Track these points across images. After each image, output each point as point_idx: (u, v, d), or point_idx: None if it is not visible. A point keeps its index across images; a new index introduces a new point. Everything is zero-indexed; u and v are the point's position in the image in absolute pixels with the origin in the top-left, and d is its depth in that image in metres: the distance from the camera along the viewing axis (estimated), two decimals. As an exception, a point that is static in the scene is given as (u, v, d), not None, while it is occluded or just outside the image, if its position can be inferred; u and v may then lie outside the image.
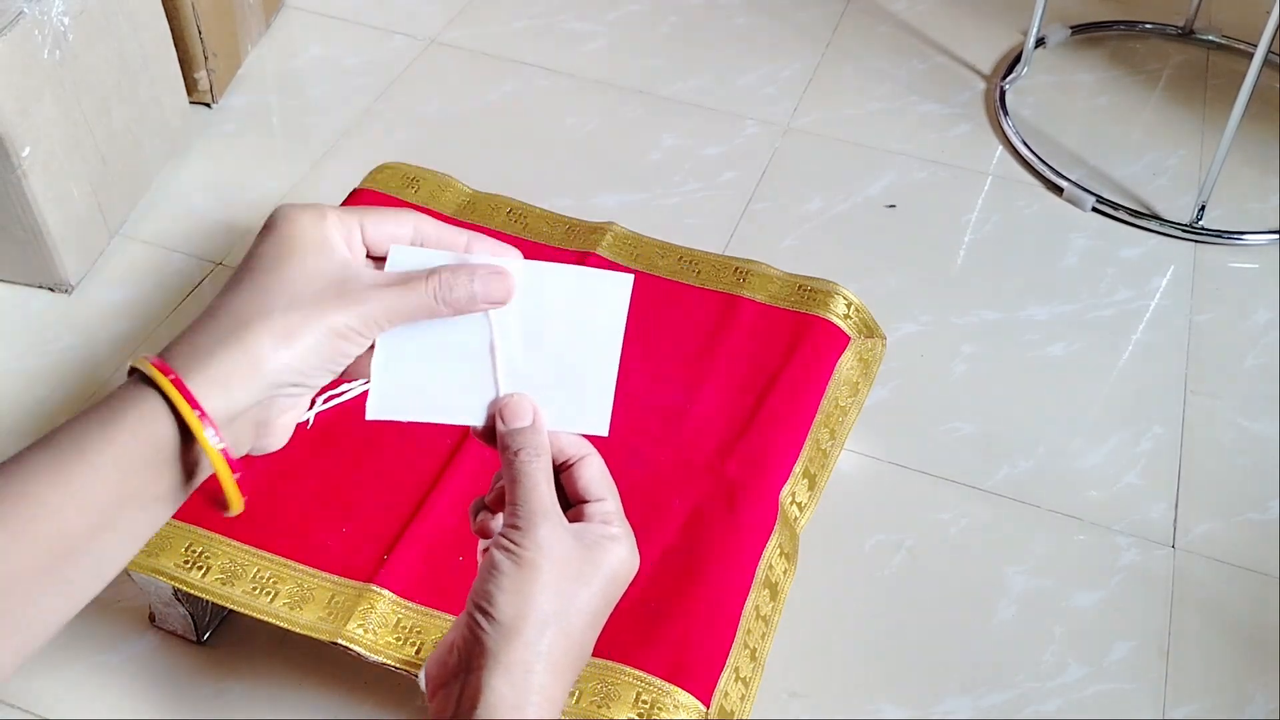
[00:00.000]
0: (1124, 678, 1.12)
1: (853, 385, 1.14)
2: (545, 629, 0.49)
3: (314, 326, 0.47)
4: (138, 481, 0.45)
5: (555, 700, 0.50)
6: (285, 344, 0.47)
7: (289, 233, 0.49)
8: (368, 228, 0.51)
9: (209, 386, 0.45)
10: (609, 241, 1.22)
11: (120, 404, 0.45)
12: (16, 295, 1.42)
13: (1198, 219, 1.57)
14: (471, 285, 0.51)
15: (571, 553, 0.51)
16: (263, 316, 0.47)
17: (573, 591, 0.51)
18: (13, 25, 1.25)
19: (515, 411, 0.54)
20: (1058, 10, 1.94)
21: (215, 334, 0.46)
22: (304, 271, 0.48)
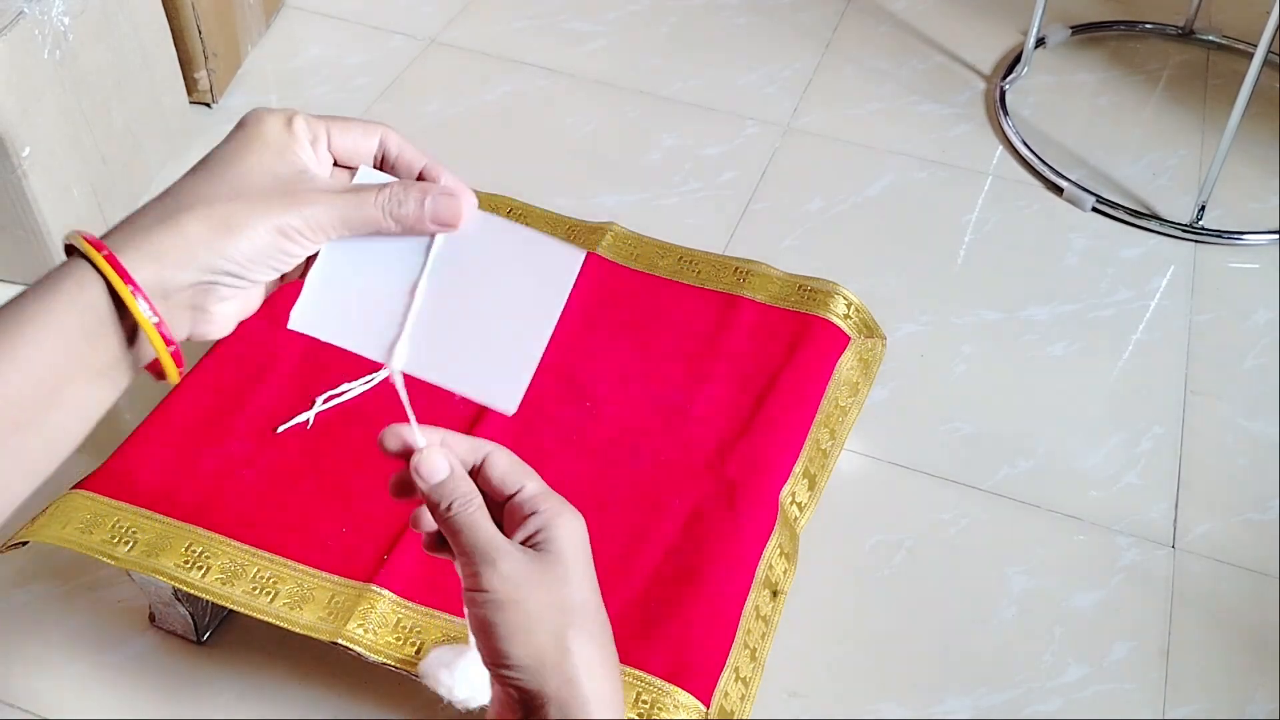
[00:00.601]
0: (1124, 678, 1.12)
1: (853, 385, 1.14)
2: (564, 647, 0.50)
3: (255, 220, 0.48)
4: (78, 352, 0.46)
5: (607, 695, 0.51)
6: (223, 233, 0.47)
7: (254, 131, 0.50)
8: (334, 134, 0.51)
9: (141, 261, 0.46)
10: (609, 241, 1.22)
11: (57, 278, 0.46)
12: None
13: (1198, 219, 1.57)
14: (423, 202, 0.50)
15: (532, 568, 0.51)
16: (205, 203, 0.47)
17: (562, 597, 0.51)
18: (13, 25, 1.25)
19: (431, 468, 0.53)
20: (1058, 10, 1.94)
21: (155, 214, 0.47)
22: (258, 168, 0.49)
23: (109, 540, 0.96)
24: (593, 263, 1.19)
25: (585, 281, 1.17)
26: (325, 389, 1.06)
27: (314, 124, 0.51)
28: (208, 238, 0.47)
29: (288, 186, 0.49)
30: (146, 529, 0.96)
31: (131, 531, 0.96)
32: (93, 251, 0.46)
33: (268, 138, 0.49)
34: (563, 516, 0.53)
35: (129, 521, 0.97)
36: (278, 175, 0.49)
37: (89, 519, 0.97)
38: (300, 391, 1.07)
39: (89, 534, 0.96)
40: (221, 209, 0.47)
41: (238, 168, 0.49)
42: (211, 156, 0.50)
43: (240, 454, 1.02)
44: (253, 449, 1.02)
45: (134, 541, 0.96)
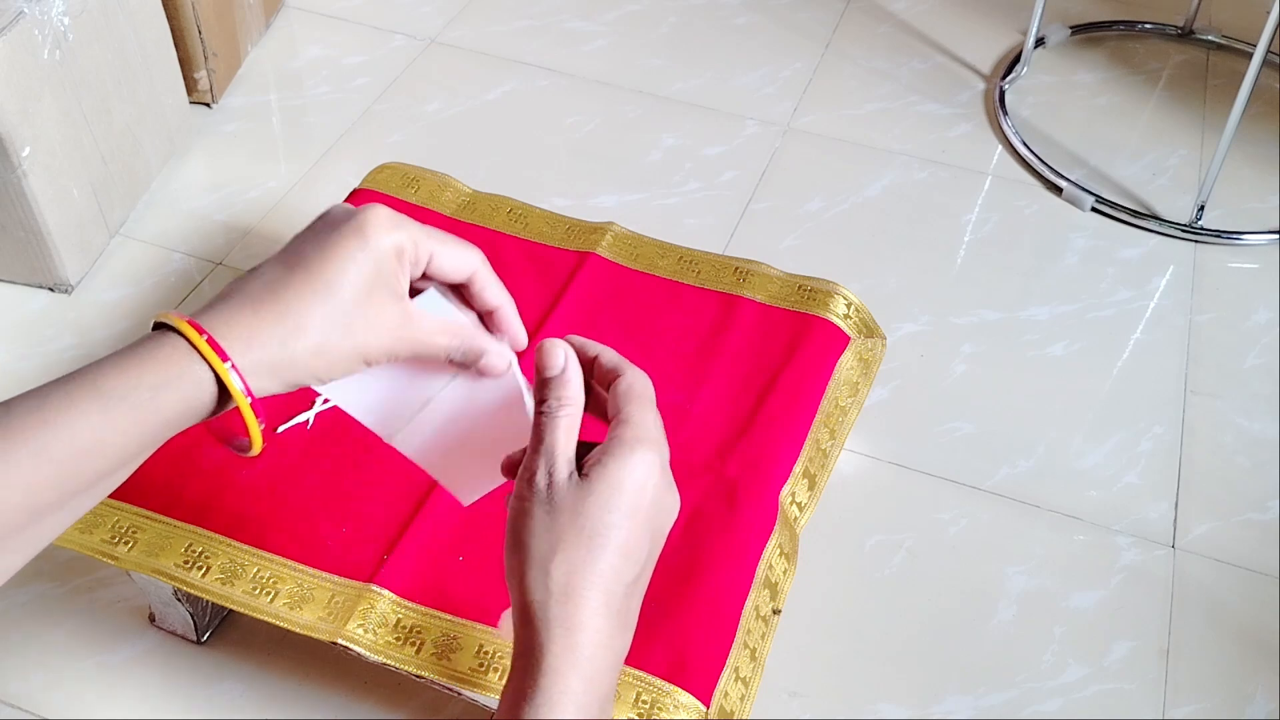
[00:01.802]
0: (1124, 678, 1.12)
1: (853, 385, 1.14)
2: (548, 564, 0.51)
3: (347, 350, 0.53)
4: (168, 434, 0.51)
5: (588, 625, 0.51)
6: (323, 360, 0.52)
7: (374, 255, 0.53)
8: (436, 258, 0.55)
9: (254, 372, 0.51)
10: (609, 241, 1.22)
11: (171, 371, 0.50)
12: (16, 295, 1.42)
13: (1197, 219, 1.57)
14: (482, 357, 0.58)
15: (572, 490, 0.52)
16: (318, 333, 0.52)
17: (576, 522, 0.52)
18: (13, 25, 1.25)
19: (547, 359, 0.56)
20: (1057, 10, 1.94)
21: (271, 331, 0.51)
22: (370, 300, 0.53)
23: (109, 540, 0.96)
24: (593, 263, 1.19)
25: (585, 281, 1.17)
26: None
27: (421, 250, 0.55)
28: (313, 366, 0.53)
29: (387, 325, 0.54)
30: (146, 529, 0.96)
31: (131, 531, 0.96)
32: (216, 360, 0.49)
33: (384, 268, 0.53)
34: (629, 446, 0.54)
35: (129, 521, 0.97)
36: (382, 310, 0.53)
37: (89, 519, 0.97)
38: (300, 391, 1.06)
39: (89, 534, 0.96)
40: (333, 343, 0.52)
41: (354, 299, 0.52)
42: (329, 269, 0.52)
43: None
44: (253, 449, 1.02)
45: (134, 541, 0.96)
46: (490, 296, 0.58)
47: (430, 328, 0.56)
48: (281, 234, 1.51)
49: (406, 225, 0.54)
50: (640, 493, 0.53)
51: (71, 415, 0.48)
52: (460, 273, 0.56)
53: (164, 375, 0.49)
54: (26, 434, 0.47)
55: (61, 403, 0.48)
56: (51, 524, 0.49)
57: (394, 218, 0.53)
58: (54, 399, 0.48)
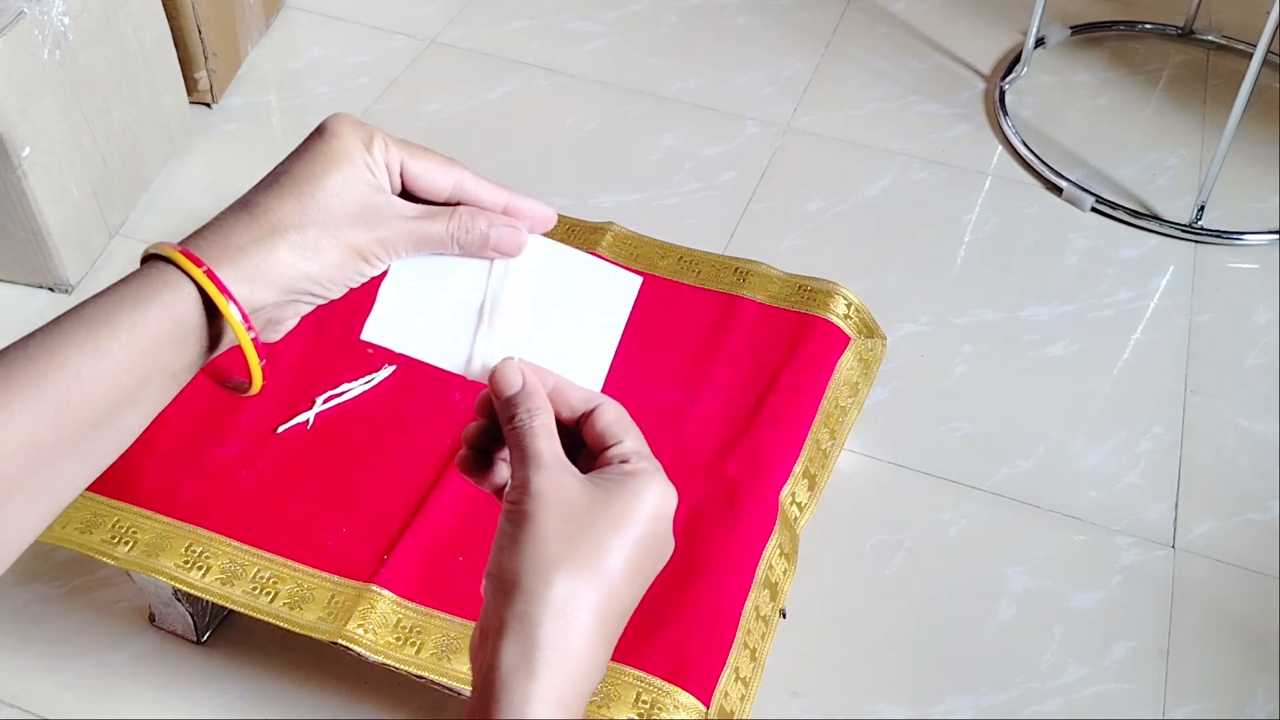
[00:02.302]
0: (1124, 678, 1.12)
1: (853, 385, 1.14)
2: (551, 578, 0.47)
3: (340, 245, 0.51)
4: (162, 359, 0.48)
5: (578, 656, 0.47)
6: (309, 257, 0.50)
7: (338, 146, 0.51)
8: (409, 164, 0.53)
9: (236, 279, 0.49)
10: (609, 241, 1.22)
11: (150, 286, 0.48)
12: (16, 295, 1.42)
13: (1197, 219, 1.57)
14: (487, 230, 0.54)
15: (577, 496, 0.50)
16: (295, 228, 0.50)
17: (585, 536, 0.48)
18: (13, 25, 1.25)
19: (503, 380, 0.54)
20: (1057, 10, 1.94)
21: (248, 233, 0.50)
22: (342, 190, 0.51)
23: (109, 540, 0.96)
24: (593, 263, 1.19)
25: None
26: (325, 389, 1.06)
27: (393, 150, 0.53)
28: (298, 263, 0.50)
29: (367, 211, 0.51)
30: (146, 529, 0.96)
31: (131, 531, 0.96)
32: (192, 267, 0.48)
33: (351, 157, 0.52)
34: (648, 478, 0.51)
35: (129, 521, 0.97)
36: (358, 198, 0.51)
37: (89, 519, 0.97)
38: (300, 391, 1.07)
39: (89, 534, 0.96)
40: (312, 235, 0.50)
41: (322, 189, 0.51)
42: (294, 170, 0.51)
43: (240, 454, 1.02)
44: (253, 449, 1.02)
45: (134, 541, 0.96)
46: (491, 196, 0.55)
47: (421, 212, 0.53)
48: (281, 234, 1.51)
49: (373, 127, 0.52)
50: (657, 521, 0.51)
51: (57, 346, 0.47)
52: (442, 182, 0.54)
53: (144, 292, 0.48)
54: (15, 372, 0.46)
55: (48, 338, 0.47)
56: (64, 475, 0.47)
57: (356, 118, 0.53)
58: (40, 335, 0.47)
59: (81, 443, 0.47)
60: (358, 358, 1.08)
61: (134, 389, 0.48)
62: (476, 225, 0.54)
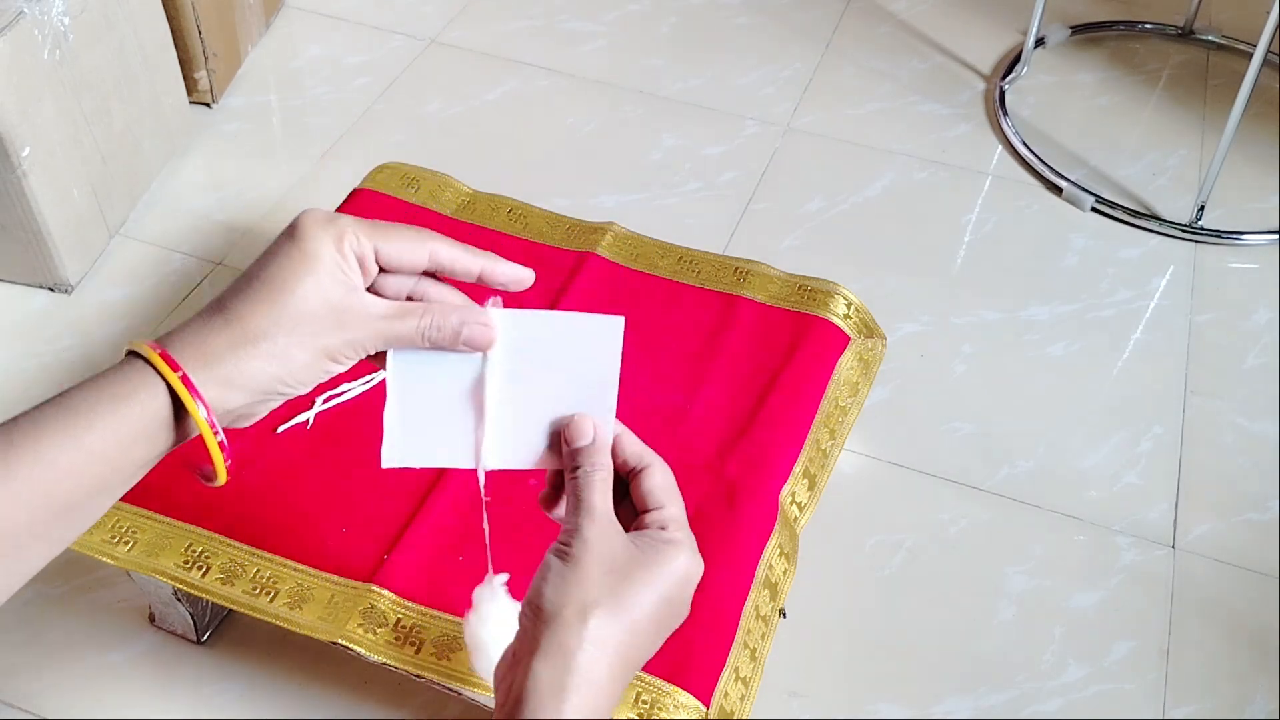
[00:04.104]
0: (1124, 678, 1.12)
1: (853, 385, 1.14)
2: (588, 615, 0.52)
3: (308, 349, 0.52)
4: (136, 452, 0.51)
5: (602, 687, 0.52)
6: (281, 362, 0.52)
7: (309, 249, 0.53)
8: (382, 248, 0.54)
9: (209, 383, 0.51)
10: (609, 241, 1.22)
11: (130, 384, 0.51)
12: (16, 295, 1.42)
13: (1197, 219, 1.57)
14: (458, 327, 0.55)
15: (619, 550, 0.54)
16: (267, 337, 0.52)
17: (622, 586, 0.53)
18: (13, 25, 1.25)
19: (576, 431, 0.58)
20: (1057, 10, 1.94)
21: (221, 340, 0.52)
22: (314, 294, 0.53)
23: (109, 540, 0.96)
24: (593, 263, 1.19)
25: (585, 281, 1.17)
26: (325, 389, 1.06)
27: (363, 241, 0.54)
28: (268, 368, 0.52)
29: (338, 313, 0.53)
30: (146, 529, 0.96)
31: (131, 531, 0.96)
32: (168, 370, 0.50)
33: (321, 258, 0.53)
34: (682, 548, 0.56)
35: (129, 521, 0.97)
36: (330, 301, 0.53)
37: (89, 519, 0.97)
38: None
39: (88, 534, 0.96)
40: (282, 342, 0.52)
41: (294, 295, 0.52)
42: (266, 274, 0.53)
43: (240, 454, 1.02)
44: (253, 449, 1.03)
45: (134, 541, 0.96)
46: (465, 265, 0.56)
47: (391, 311, 0.54)
48: (281, 234, 1.51)
49: (340, 219, 0.54)
50: (683, 586, 0.56)
51: (38, 435, 0.49)
52: (415, 258, 0.55)
53: (123, 390, 0.50)
54: None
55: (31, 426, 0.49)
56: (30, 556, 0.49)
57: (327, 214, 0.54)
58: (23, 422, 0.49)
59: (52, 528, 0.50)
60: (358, 358, 1.08)
61: (107, 478, 0.50)
62: (448, 323, 0.55)
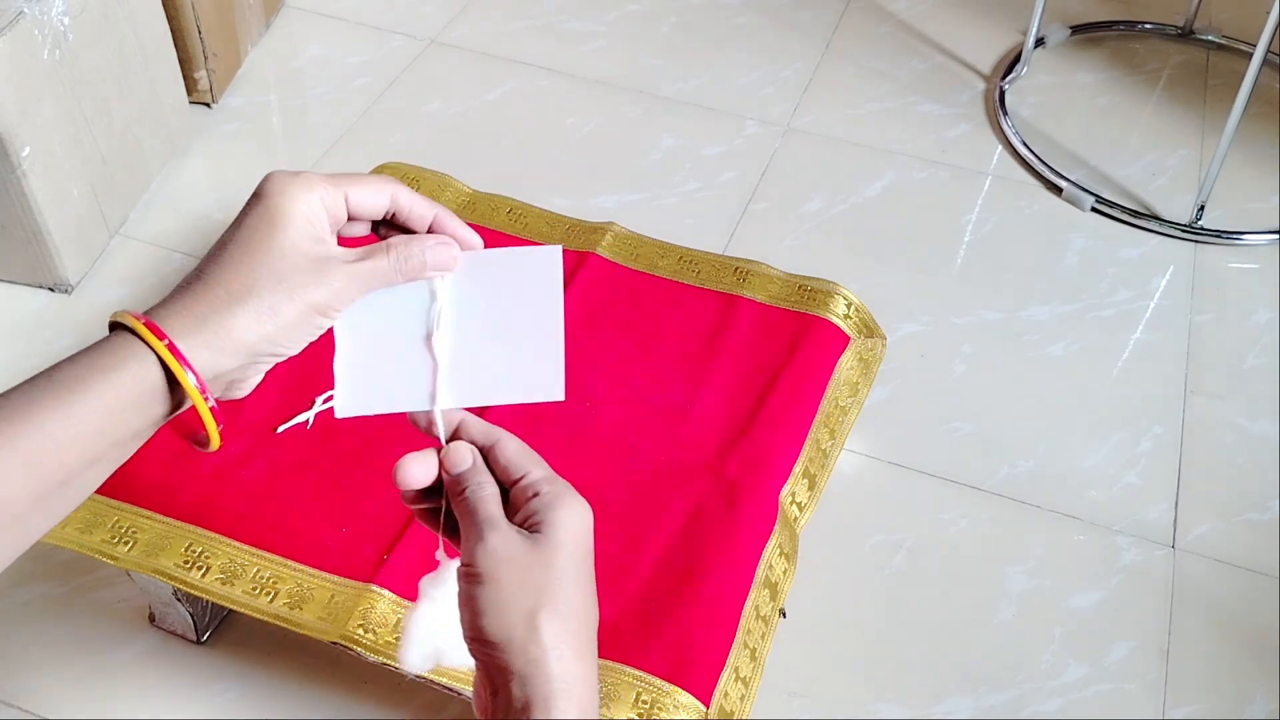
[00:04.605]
0: (1124, 678, 1.12)
1: (853, 385, 1.14)
2: (536, 622, 0.52)
3: (295, 303, 0.53)
4: (129, 422, 0.51)
5: (580, 675, 0.53)
6: (267, 319, 0.52)
7: (279, 205, 0.53)
8: (351, 196, 0.56)
9: (197, 349, 0.51)
10: (609, 241, 1.22)
11: (118, 355, 0.51)
12: (16, 295, 1.42)
13: (1197, 219, 1.57)
14: (423, 255, 0.56)
15: (519, 548, 0.54)
16: (252, 294, 0.52)
17: (545, 576, 0.53)
18: (13, 25, 1.25)
19: (456, 459, 0.58)
20: (1057, 10, 1.94)
21: (206, 304, 0.52)
22: (291, 250, 0.53)
23: (109, 540, 0.96)
24: (593, 263, 1.19)
25: (585, 282, 1.17)
26: (325, 389, 1.06)
27: (333, 193, 0.55)
28: (256, 328, 0.52)
29: (315, 264, 0.54)
30: (146, 529, 0.96)
31: (131, 531, 0.96)
32: (154, 339, 0.51)
33: (293, 212, 0.54)
34: (562, 500, 0.56)
35: (129, 521, 0.97)
36: (307, 254, 0.53)
37: (89, 519, 0.97)
38: (300, 391, 1.07)
39: (89, 534, 0.96)
40: (268, 299, 0.52)
41: (269, 252, 0.53)
42: (242, 235, 0.53)
43: (240, 454, 1.02)
44: (252, 449, 1.02)
45: (134, 541, 0.96)
46: (420, 211, 0.58)
47: (362, 254, 0.55)
48: (281, 234, 1.51)
49: (305, 174, 0.55)
50: (587, 536, 0.56)
51: (32, 408, 0.49)
52: (379, 202, 0.57)
53: (111, 361, 0.51)
54: None
55: (21, 399, 0.49)
56: (29, 527, 0.50)
57: (292, 172, 0.55)
58: (14, 396, 0.50)
59: (50, 499, 0.50)
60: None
61: (102, 450, 0.50)
62: (412, 252, 0.57)
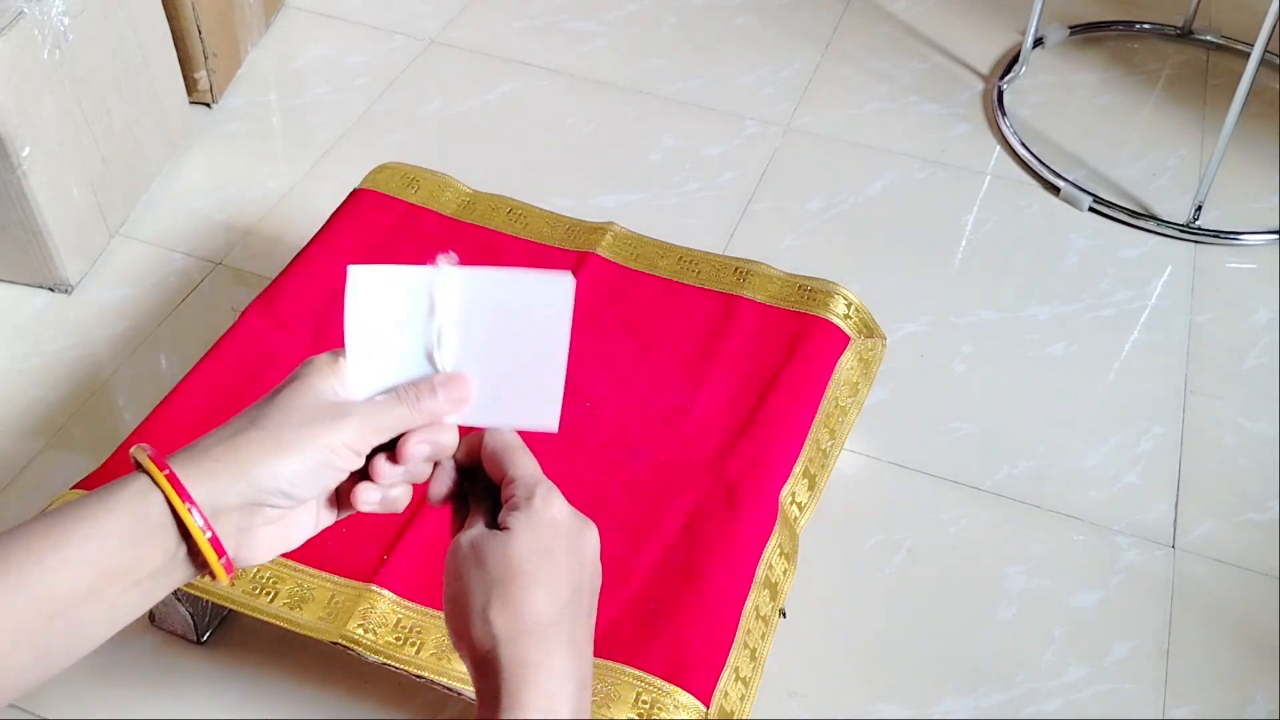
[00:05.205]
0: (1124, 678, 1.12)
1: (853, 385, 1.14)
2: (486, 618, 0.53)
3: (303, 440, 0.52)
4: (124, 558, 0.50)
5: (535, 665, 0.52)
6: (275, 453, 0.52)
7: (307, 369, 0.55)
8: None
9: (198, 477, 0.51)
10: (609, 241, 1.22)
11: (119, 486, 0.51)
12: (16, 295, 1.42)
13: (1195, 219, 1.57)
14: (435, 391, 0.57)
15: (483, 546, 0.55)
16: (259, 427, 0.53)
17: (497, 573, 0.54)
18: (13, 25, 1.25)
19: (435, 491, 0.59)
20: (1056, 10, 1.94)
21: (215, 439, 0.53)
22: (309, 396, 0.54)
23: (109, 540, 0.95)
24: (593, 263, 1.19)
25: (585, 281, 1.17)
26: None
27: None
28: (259, 457, 0.52)
29: (331, 410, 0.54)
30: (147, 529, 0.96)
31: (132, 531, 0.96)
32: (153, 467, 0.51)
33: (318, 369, 0.55)
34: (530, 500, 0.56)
35: (129, 521, 0.97)
36: (322, 400, 0.54)
37: (89, 519, 0.97)
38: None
39: (89, 534, 0.96)
40: (274, 434, 0.52)
41: (291, 399, 0.54)
42: (268, 397, 0.55)
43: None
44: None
45: (134, 541, 0.96)
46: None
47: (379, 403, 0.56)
48: (281, 234, 1.51)
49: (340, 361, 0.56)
50: (552, 528, 0.55)
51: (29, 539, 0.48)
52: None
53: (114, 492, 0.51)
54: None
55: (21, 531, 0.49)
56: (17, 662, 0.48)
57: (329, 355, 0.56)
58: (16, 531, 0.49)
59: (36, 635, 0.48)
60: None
61: (97, 584, 0.49)
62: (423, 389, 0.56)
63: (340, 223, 1.24)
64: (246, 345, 1.10)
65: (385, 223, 1.24)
